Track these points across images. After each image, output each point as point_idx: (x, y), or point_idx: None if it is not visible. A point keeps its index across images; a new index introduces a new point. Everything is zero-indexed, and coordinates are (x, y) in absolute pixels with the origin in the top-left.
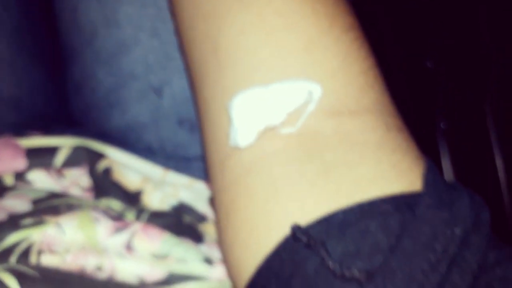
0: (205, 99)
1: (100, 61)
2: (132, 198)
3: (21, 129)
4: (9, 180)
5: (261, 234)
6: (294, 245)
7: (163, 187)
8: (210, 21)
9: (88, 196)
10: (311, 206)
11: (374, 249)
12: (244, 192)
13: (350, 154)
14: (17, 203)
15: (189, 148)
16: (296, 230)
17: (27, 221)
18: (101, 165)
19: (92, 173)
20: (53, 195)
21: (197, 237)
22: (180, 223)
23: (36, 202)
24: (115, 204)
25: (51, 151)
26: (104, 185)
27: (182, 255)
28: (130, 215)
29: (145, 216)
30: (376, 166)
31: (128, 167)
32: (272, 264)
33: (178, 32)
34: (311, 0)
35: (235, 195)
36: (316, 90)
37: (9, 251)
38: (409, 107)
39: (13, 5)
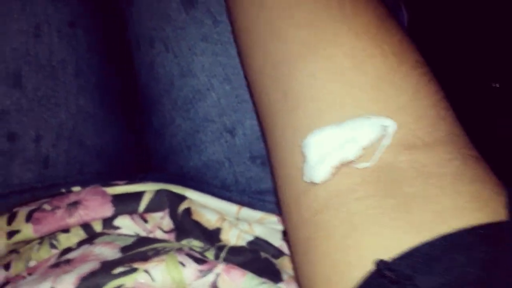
0: (276, 138)
1: (178, 109)
2: (211, 236)
3: (106, 177)
4: (97, 227)
5: (342, 271)
6: (380, 280)
7: (239, 223)
8: (280, 67)
9: (170, 237)
10: (393, 240)
11: (463, 283)
12: (322, 229)
13: (428, 187)
14: (108, 251)
15: (262, 182)
16: (382, 266)
17: (119, 269)
18: (181, 206)
19: (173, 215)
20: (140, 242)
21: (275, 274)
22: (258, 259)
23: (124, 249)
24: (196, 244)
25: (135, 197)
26: (185, 226)
27: None
28: (210, 254)
29: (224, 254)
30: (456, 197)
31: (206, 207)
32: None
33: (248, 78)
34: (379, 40)
35: (313, 231)
36: (391, 125)
37: None
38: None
39: (95, 63)
